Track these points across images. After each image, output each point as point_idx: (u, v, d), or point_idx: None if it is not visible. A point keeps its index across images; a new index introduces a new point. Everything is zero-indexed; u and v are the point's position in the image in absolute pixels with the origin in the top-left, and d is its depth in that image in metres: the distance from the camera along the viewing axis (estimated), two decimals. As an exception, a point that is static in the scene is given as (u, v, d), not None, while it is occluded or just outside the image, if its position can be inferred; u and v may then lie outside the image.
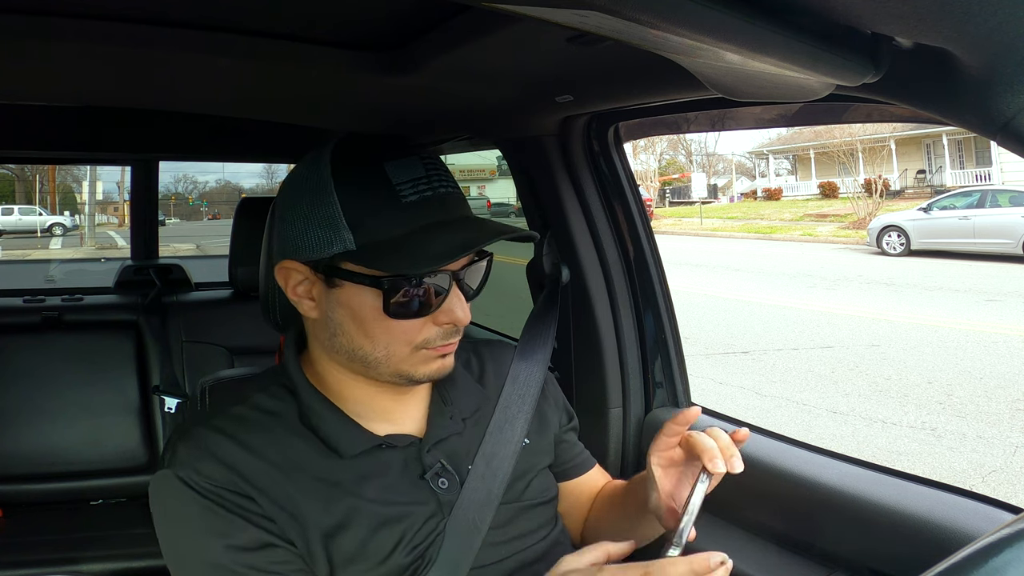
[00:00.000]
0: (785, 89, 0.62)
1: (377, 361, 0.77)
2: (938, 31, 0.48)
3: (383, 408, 0.82)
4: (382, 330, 0.76)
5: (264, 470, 0.75)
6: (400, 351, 0.77)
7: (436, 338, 0.77)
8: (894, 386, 5.18)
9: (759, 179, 29.25)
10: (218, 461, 0.74)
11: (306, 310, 0.79)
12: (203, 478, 0.73)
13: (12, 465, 2.10)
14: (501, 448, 0.86)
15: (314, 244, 0.75)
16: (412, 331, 0.76)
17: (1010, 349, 5.94)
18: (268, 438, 0.77)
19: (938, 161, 21.00)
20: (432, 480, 0.81)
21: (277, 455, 0.76)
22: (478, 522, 0.81)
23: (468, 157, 14.44)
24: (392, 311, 0.74)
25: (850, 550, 0.99)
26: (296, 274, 0.78)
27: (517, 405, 0.91)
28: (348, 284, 0.75)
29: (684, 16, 0.43)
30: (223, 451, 0.75)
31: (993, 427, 4.34)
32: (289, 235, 0.78)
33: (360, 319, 0.76)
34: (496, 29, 0.84)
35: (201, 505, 0.72)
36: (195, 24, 0.94)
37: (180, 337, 2.30)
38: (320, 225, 0.75)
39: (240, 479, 0.74)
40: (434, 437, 0.83)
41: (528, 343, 1.04)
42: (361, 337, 0.76)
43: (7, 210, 17.85)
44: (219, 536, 0.72)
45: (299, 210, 0.77)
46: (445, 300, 0.76)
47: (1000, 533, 0.46)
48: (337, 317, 0.77)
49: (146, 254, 2.52)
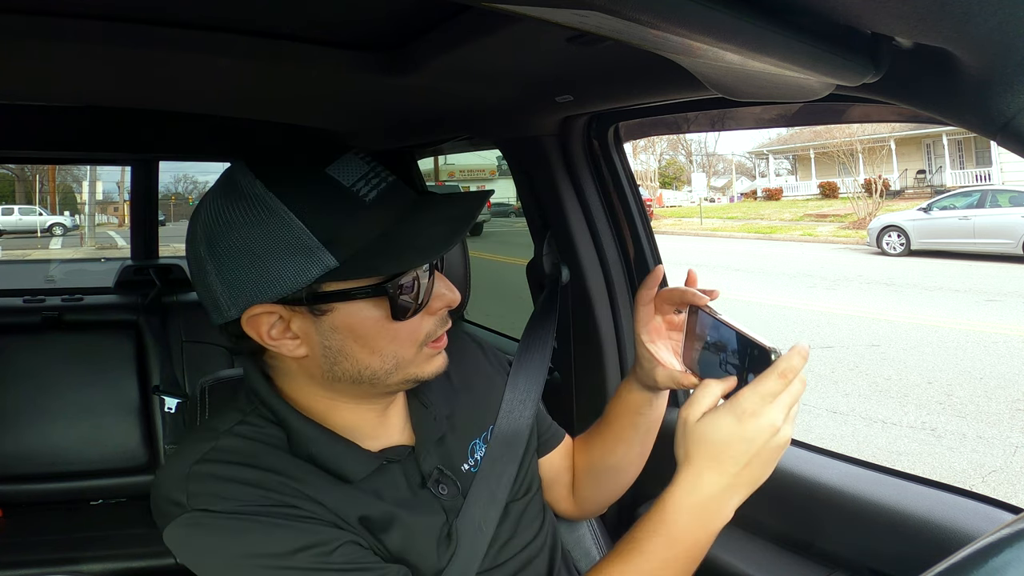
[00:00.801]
0: (785, 89, 0.62)
1: (387, 373, 0.72)
2: (938, 31, 0.48)
3: (370, 425, 0.78)
4: (388, 339, 0.70)
5: (285, 483, 0.69)
6: (407, 355, 0.72)
7: (436, 328, 0.74)
8: (894, 386, 5.18)
9: (759, 179, 29.25)
10: (242, 483, 0.68)
11: (290, 351, 0.70)
12: (235, 502, 0.66)
13: (12, 465, 2.10)
14: (507, 452, 0.86)
15: (285, 277, 0.66)
16: (415, 330, 0.72)
17: (1010, 349, 5.94)
18: (273, 465, 0.71)
19: (938, 161, 20.99)
20: (433, 487, 0.79)
21: (291, 480, 0.70)
22: (483, 525, 0.80)
23: (468, 157, 14.40)
24: (399, 314, 0.69)
25: (850, 550, 0.99)
26: (267, 317, 0.69)
27: (519, 411, 0.91)
28: (340, 305, 0.68)
29: (684, 16, 0.43)
30: (240, 474, 0.68)
31: (993, 427, 4.34)
32: (244, 280, 0.67)
33: (363, 336, 0.70)
34: (496, 29, 0.84)
35: (244, 525, 0.66)
36: (195, 24, 0.94)
37: (180, 337, 2.30)
38: (285, 255, 0.65)
39: (271, 492, 0.68)
40: (427, 442, 0.81)
41: (529, 345, 1.04)
42: (367, 355, 0.71)
43: (7, 210, 17.75)
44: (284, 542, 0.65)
45: (246, 248, 0.66)
46: (433, 285, 0.73)
47: (1000, 533, 0.46)
48: (335, 343, 0.70)
49: (146, 254, 2.52)
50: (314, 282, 0.66)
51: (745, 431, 0.66)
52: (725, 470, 0.67)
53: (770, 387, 0.66)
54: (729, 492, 0.68)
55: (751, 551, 1.09)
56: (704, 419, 0.68)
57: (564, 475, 1.00)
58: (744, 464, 0.67)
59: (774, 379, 0.66)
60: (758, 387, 0.66)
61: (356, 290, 0.68)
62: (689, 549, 0.69)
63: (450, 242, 0.68)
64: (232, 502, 0.66)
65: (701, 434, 0.68)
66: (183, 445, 0.73)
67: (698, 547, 0.69)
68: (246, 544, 0.65)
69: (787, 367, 0.66)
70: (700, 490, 0.68)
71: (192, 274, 0.73)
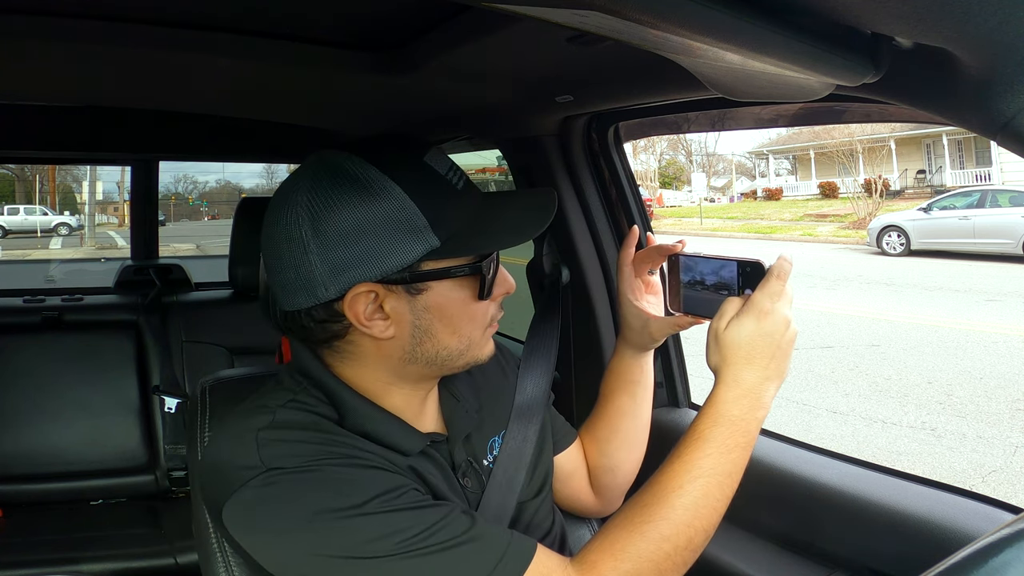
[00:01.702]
0: (785, 89, 0.62)
1: (459, 354, 0.77)
2: (938, 31, 0.48)
3: (413, 411, 0.80)
4: (467, 319, 0.75)
5: (348, 442, 0.71)
6: (476, 336, 0.77)
7: (497, 312, 0.80)
8: (894, 386, 5.18)
9: (759, 179, 29.24)
10: (309, 443, 0.69)
11: (380, 331, 0.72)
12: (306, 459, 0.67)
13: (12, 465, 2.10)
14: (525, 446, 0.89)
15: (393, 256, 0.69)
16: (486, 312, 0.77)
17: (1010, 349, 5.94)
18: (333, 429, 0.73)
19: (938, 161, 20.98)
20: (461, 478, 0.82)
21: (352, 441, 0.72)
22: (501, 516, 0.83)
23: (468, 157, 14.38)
24: (487, 293, 0.75)
25: (850, 550, 0.99)
26: (366, 297, 0.70)
27: (527, 415, 0.92)
28: (435, 284, 0.72)
29: (684, 16, 0.43)
30: (307, 437, 0.70)
31: (993, 427, 4.34)
32: (351, 259, 0.69)
33: (449, 316, 0.74)
34: (496, 29, 0.84)
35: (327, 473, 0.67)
36: (195, 24, 0.94)
37: (180, 337, 2.30)
38: (395, 234, 0.68)
39: (337, 447, 0.70)
40: (461, 433, 0.84)
41: (534, 348, 1.04)
42: (448, 335, 0.74)
43: (13, 210, 17.88)
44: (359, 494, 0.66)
45: (357, 228, 0.68)
46: (498, 271, 0.77)
47: (1000, 533, 0.46)
48: (424, 323, 0.73)
49: (146, 254, 2.52)
50: (416, 261, 0.70)
51: (765, 328, 0.76)
52: (757, 364, 0.76)
53: (774, 287, 0.76)
54: (765, 383, 0.77)
55: (751, 551, 1.09)
56: (730, 326, 0.77)
57: (581, 468, 1.03)
58: (771, 357, 0.77)
59: (775, 280, 0.77)
60: (765, 289, 0.76)
61: (454, 269, 0.72)
62: (745, 434, 0.76)
63: (540, 224, 0.74)
64: (303, 458, 0.68)
65: (731, 339, 0.77)
66: (235, 419, 0.75)
67: (751, 434, 0.77)
68: (320, 498, 0.66)
69: (781, 269, 0.77)
70: (741, 383, 0.77)
71: (275, 258, 0.73)
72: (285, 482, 0.67)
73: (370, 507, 0.66)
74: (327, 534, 0.66)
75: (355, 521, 0.66)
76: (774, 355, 0.77)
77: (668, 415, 1.38)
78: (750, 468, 0.77)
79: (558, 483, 0.98)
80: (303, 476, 0.67)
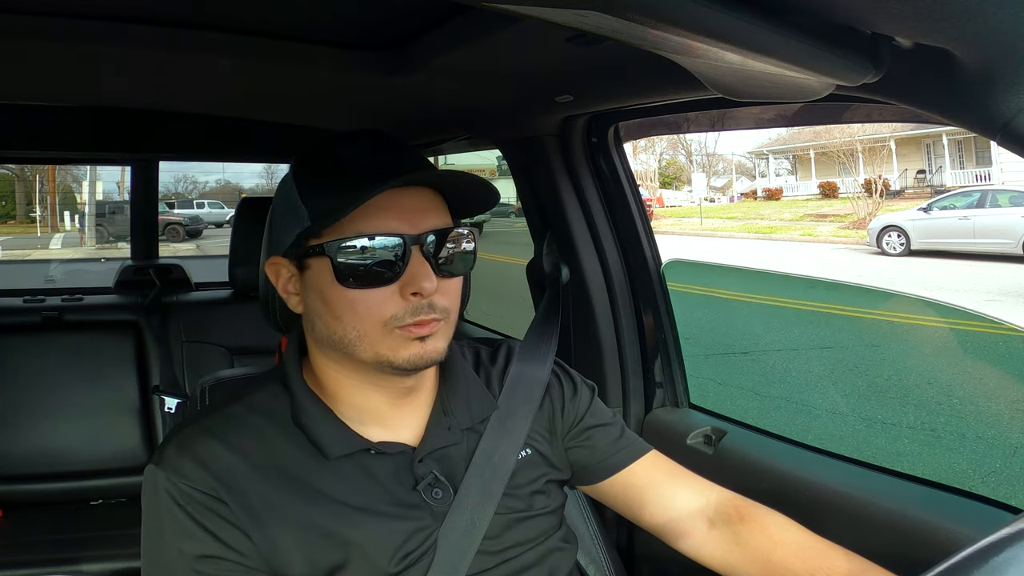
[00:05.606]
0: (785, 89, 0.62)
1: (353, 343, 0.73)
2: (938, 31, 0.48)
3: (379, 413, 0.79)
4: (345, 305, 0.72)
5: (246, 472, 0.74)
6: (371, 330, 0.72)
7: (404, 314, 0.71)
8: (894, 386, 5.17)
9: (759, 179, 29.24)
10: (199, 463, 0.73)
11: (293, 305, 0.79)
12: (180, 478, 0.73)
13: (12, 465, 2.10)
14: (501, 445, 0.84)
15: (284, 233, 0.77)
16: (375, 305, 0.71)
17: (1010, 349, 5.93)
18: (257, 438, 0.76)
19: (938, 161, 20.98)
20: (425, 491, 0.78)
21: (263, 457, 0.75)
22: (476, 521, 0.79)
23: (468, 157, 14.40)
24: (342, 278, 0.71)
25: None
26: (284, 270, 0.78)
27: (520, 408, 0.88)
28: (312, 263, 0.74)
29: (684, 16, 0.43)
30: (207, 452, 0.74)
31: (993, 427, 4.34)
32: (271, 233, 0.81)
33: (324, 297, 0.73)
34: (496, 29, 0.84)
35: (168, 507, 0.73)
36: (195, 24, 0.94)
37: (180, 337, 2.30)
38: (286, 213, 0.77)
39: (216, 482, 0.73)
40: (428, 447, 0.80)
41: (531, 344, 1.03)
42: (329, 317, 0.74)
43: (199, 203, 19.34)
44: (177, 539, 0.73)
45: (275, 208, 0.80)
46: (406, 268, 0.71)
47: (1000, 533, 0.47)
48: (312, 302, 0.76)
49: (146, 254, 2.52)
50: (297, 238, 0.75)
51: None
52: None
53: None
54: None
55: (751, 551, 1.09)
56: None
57: (631, 502, 0.93)
58: None
59: None
60: None
61: (316, 248, 0.73)
62: None
63: (365, 193, 0.68)
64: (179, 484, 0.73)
65: None
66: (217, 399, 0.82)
67: None
68: (165, 533, 0.74)
69: None
70: None
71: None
72: (151, 485, 0.75)
73: (174, 558, 0.73)
74: (145, 536, 0.78)
75: (159, 552, 0.75)
76: None
77: (668, 415, 1.38)
78: (750, 468, 0.77)
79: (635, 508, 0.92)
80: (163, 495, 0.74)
